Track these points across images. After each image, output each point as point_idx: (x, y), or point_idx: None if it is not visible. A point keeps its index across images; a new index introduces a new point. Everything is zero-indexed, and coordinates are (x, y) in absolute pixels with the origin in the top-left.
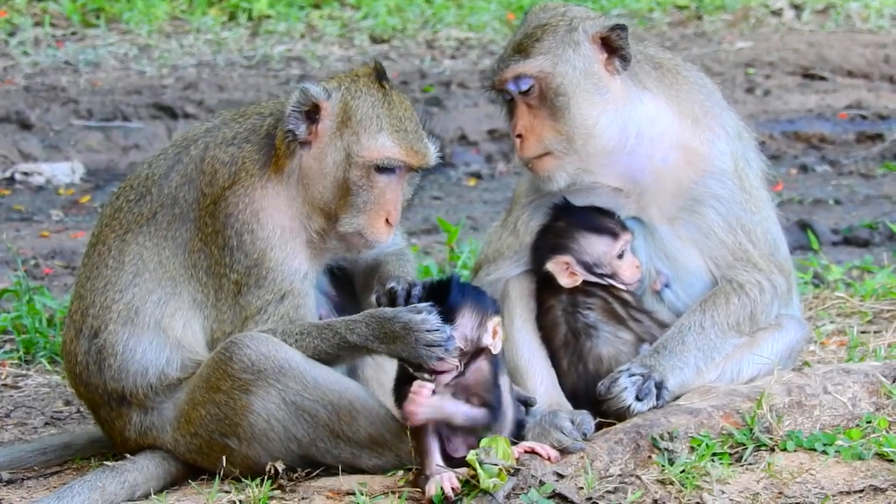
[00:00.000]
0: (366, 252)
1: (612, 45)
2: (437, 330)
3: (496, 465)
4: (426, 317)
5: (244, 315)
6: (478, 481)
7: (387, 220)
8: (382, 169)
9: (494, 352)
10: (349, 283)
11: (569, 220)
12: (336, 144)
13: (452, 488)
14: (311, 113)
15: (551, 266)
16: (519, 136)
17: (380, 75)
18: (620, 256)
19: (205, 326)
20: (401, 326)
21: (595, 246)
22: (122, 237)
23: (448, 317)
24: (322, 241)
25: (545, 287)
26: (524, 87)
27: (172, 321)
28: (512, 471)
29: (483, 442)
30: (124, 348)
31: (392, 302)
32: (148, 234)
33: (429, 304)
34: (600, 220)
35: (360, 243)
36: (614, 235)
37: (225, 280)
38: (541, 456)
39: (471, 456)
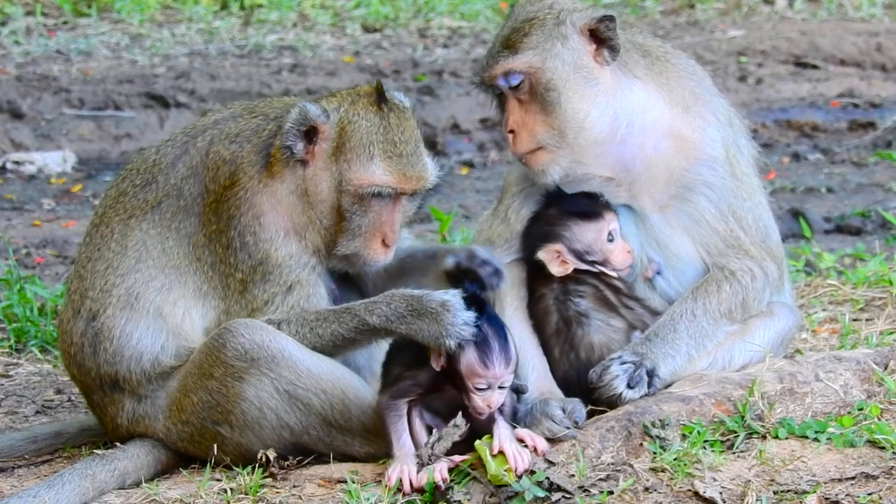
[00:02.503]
0: (364, 269)
1: (601, 37)
2: (470, 313)
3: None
4: (459, 300)
5: (251, 308)
6: (475, 469)
7: (384, 242)
8: (376, 195)
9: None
10: (349, 278)
11: (559, 209)
12: (331, 169)
13: (443, 478)
14: (310, 133)
15: (542, 255)
16: (511, 131)
17: (380, 97)
18: (611, 240)
19: (207, 316)
20: (439, 303)
21: (586, 233)
22: (126, 222)
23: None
24: (320, 256)
25: (536, 275)
26: (514, 83)
27: (174, 309)
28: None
29: (485, 439)
30: (121, 333)
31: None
32: (152, 221)
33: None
34: (590, 206)
35: (358, 262)
36: (601, 218)
37: (231, 279)
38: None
39: (478, 444)
